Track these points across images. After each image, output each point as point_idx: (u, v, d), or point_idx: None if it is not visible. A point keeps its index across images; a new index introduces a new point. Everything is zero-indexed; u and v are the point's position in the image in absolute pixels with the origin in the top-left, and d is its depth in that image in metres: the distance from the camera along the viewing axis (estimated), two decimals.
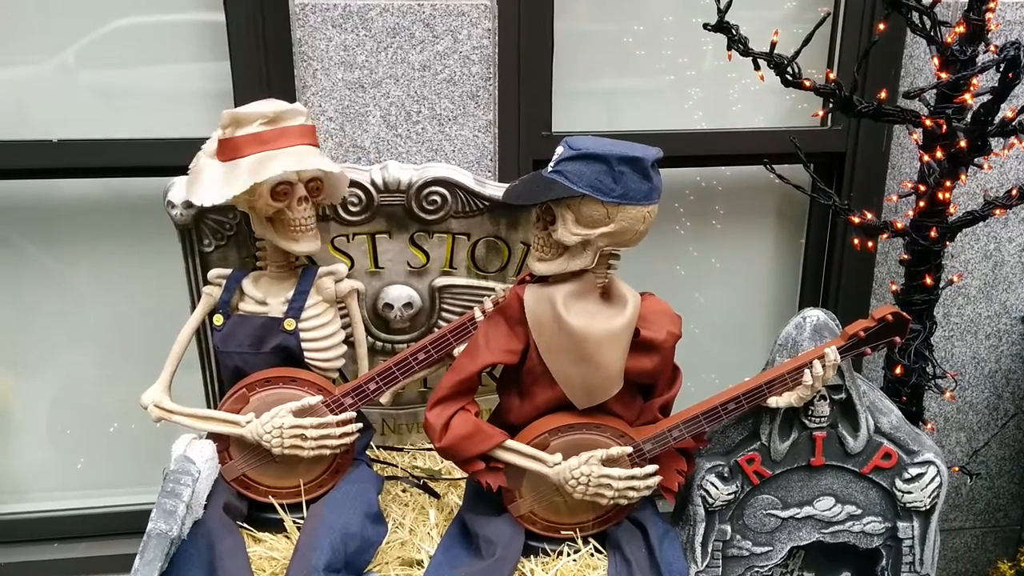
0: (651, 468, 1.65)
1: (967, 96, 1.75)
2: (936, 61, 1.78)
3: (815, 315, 1.72)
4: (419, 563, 1.69)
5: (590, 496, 1.62)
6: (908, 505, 1.77)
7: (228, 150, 1.64)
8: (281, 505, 1.74)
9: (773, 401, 1.67)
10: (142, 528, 1.50)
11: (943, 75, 1.77)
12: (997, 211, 1.86)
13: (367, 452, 1.91)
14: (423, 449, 2.05)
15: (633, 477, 1.63)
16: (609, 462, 1.62)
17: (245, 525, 1.71)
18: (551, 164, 1.56)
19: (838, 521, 1.80)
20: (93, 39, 2.11)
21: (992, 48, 1.73)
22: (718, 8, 1.78)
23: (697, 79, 2.34)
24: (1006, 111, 1.75)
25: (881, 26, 1.81)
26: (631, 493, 1.64)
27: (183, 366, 1.78)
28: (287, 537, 1.72)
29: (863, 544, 1.82)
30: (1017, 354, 2.55)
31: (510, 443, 1.62)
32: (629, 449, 1.63)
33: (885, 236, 1.92)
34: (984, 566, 2.75)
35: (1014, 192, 1.83)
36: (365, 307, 1.94)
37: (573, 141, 1.54)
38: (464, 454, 1.61)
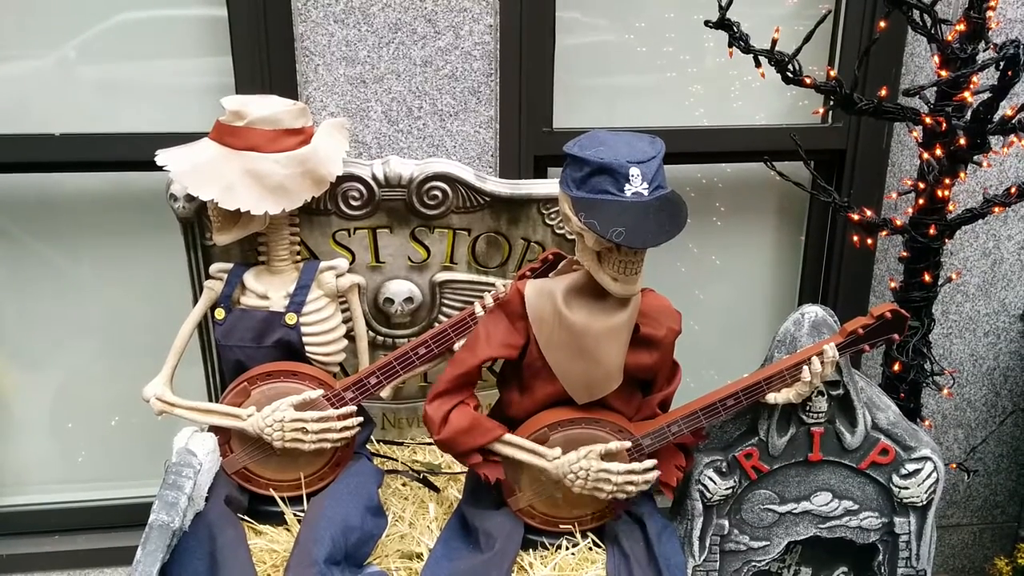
0: (649, 463, 1.65)
1: (967, 94, 1.75)
2: (936, 59, 1.78)
3: (813, 311, 1.72)
4: (419, 556, 1.70)
5: (588, 490, 1.62)
6: (905, 500, 1.78)
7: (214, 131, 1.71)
8: (282, 498, 1.75)
9: (771, 397, 1.67)
10: (143, 521, 1.51)
11: (943, 73, 1.77)
12: (996, 209, 1.86)
13: (367, 446, 1.92)
14: (423, 443, 2.06)
15: (631, 471, 1.63)
16: (608, 456, 1.62)
17: (246, 518, 1.72)
18: (650, 181, 1.46)
19: (835, 516, 1.81)
20: (95, 33, 2.12)
21: (992, 46, 1.73)
22: (719, 5, 1.78)
23: (698, 76, 2.34)
24: (1006, 109, 1.75)
25: (882, 24, 1.82)
26: (629, 487, 1.64)
27: (185, 360, 1.79)
28: (288, 530, 1.73)
29: (860, 539, 1.83)
30: (1015, 351, 2.56)
31: (509, 437, 1.63)
32: (628, 444, 1.63)
33: (884, 233, 1.93)
34: (981, 562, 2.76)
35: (1013, 190, 1.84)
36: (366, 301, 1.94)
37: (645, 149, 1.49)
38: (462, 447, 1.62)
